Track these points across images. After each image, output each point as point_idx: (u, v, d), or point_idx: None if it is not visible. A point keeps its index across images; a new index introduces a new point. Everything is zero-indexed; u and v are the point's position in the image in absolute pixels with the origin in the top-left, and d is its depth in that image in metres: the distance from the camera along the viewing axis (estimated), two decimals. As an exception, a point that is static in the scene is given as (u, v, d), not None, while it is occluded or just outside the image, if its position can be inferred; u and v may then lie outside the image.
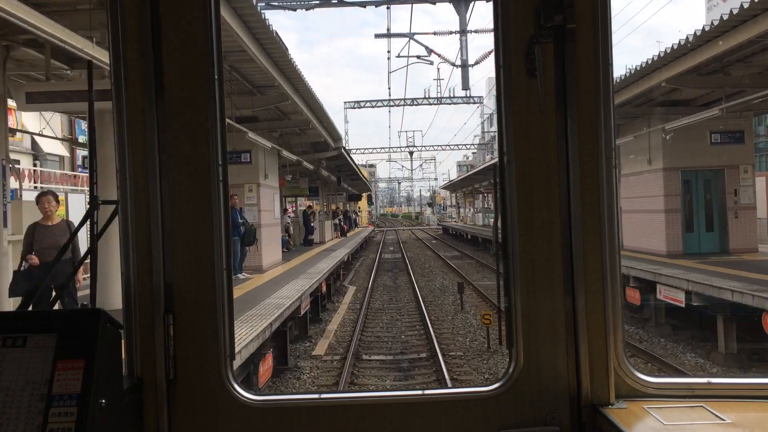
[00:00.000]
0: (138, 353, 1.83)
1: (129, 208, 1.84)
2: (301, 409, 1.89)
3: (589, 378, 1.82)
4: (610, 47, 1.84)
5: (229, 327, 1.89)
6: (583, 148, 1.83)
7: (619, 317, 1.84)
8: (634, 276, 14.00)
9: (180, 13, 1.85)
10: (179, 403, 1.84)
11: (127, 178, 1.83)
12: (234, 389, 1.85)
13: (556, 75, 1.83)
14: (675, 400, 1.82)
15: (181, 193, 1.85)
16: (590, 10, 1.81)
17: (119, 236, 1.85)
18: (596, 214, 1.84)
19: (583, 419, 1.82)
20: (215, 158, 1.86)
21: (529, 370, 1.84)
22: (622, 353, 1.86)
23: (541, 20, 1.78)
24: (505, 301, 1.90)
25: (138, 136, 1.83)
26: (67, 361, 1.49)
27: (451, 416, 1.84)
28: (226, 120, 1.94)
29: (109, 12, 1.83)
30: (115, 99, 1.83)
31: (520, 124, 1.85)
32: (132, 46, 1.83)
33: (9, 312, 1.69)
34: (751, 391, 1.85)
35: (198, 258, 1.86)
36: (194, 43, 1.85)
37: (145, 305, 1.83)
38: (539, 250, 1.86)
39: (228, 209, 1.93)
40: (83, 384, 1.46)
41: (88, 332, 1.52)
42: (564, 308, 1.85)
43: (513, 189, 1.86)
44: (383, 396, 2.00)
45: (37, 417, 1.43)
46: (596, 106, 1.83)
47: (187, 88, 1.85)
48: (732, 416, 1.70)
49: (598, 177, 1.83)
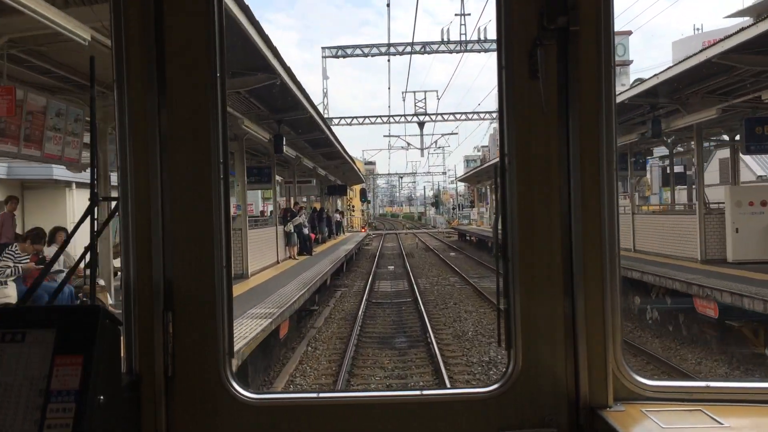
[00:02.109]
0: (137, 350, 1.83)
1: (129, 205, 1.84)
2: (300, 408, 1.88)
3: (588, 380, 1.82)
4: (613, 49, 1.84)
5: (228, 325, 1.88)
6: (585, 150, 1.83)
7: (618, 319, 1.84)
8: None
9: (183, 10, 1.85)
10: (177, 400, 1.84)
11: (128, 175, 1.83)
12: (232, 387, 1.85)
13: (558, 76, 1.83)
14: (673, 404, 1.82)
15: (181, 191, 1.85)
16: (594, 13, 1.81)
17: (120, 233, 1.86)
18: (597, 216, 1.84)
19: (581, 421, 1.82)
20: (216, 156, 1.86)
21: (528, 371, 1.84)
22: (620, 356, 1.85)
23: (544, 22, 1.78)
24: (504, 302, 1.90)
25: (139, 133, 1.83)
26: (66, 357, 1.49)
27: (450, 417, 1.84)
28: (227, 118, 1.94)
29: (112, 7, 1.83)
30: (116, 96, 1.83)
31: (522, 124, 1.85)
32: (134, 44, 1.83)
33: (8, 307, 1.69)
34: (749, 395, 1.85)
35: (198, 256, 1.86)
36: (196, 42, 1.85)
37: (145, 302, 1.83)
38: (539, 252, 1.86)
39: (228, 208, 1.93)
40: (82, 380, 1.46)
41: (87, 328, 1.52)
42: (563, 310, 1.85)
43: (514, 190, 1.86)
44: (382, 396, 2.00)
45: (36, 412, 1.42)
46: (598, 108, 1.83)
47: (189, 85, 1.85)
48: (730, 420, 1.69)
49: (599, 179, 1.83)
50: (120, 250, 1.88)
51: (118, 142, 1.84)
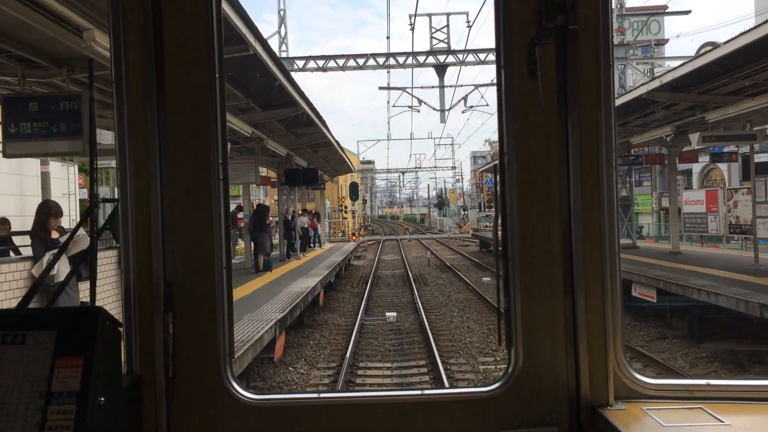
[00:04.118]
0: (137, 351, 1.83)
1: (129, 206, 1.84)
2: (300, 409, 1.88)
3: (588, 379, 1.82)
4: (612, 48, 1.84)
5: (228, 326, 1.89)
6: (584, 149, 1.83)
7: (619, 318, 1.85)
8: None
9: (182, 10, 1.85)
10: (178, 401, 1.84)
11: (127, 175, 1.83)
12: (233, 388, 1.85)
13: (557, 75, 1.83)
14: (674, 402, 1.82)
15: (181, 191, 1.86)
16: (592, 12, 1.81)
17: (120, 234, 1.86)
18: (597, 215, 1.84)
19: (582, 420, 1.82)
20: (216, 156, 1.86)
21: (529, 370, 1.84)
22: (621, 354, 1.86)
23: (542, 21, 1.78)
24: (504, 301, 1.90)
25: (138, 134, 1.83)
26: (66, 358, 1.49)
27: (451, 416, 1.84)
28: (226, 118, 1.94)
29: (111, 7, 1.83)
30: (115, 96, 1.83)
31: (521, 124, 1.85)
32: (133, 44, 1.83)
33: (8, 309, 1.69)
34: (750, 393, 1.85)
35: (198, 256, 1.86)
36: (195, 41, 1.85)
37: (145, 303, 1.83)
38: (539, 251, 1.86)
39: (228, 208, 1.93)
40: (82, 382, 1.46)
41: (87, 330, 1.52)
42: (564, 309, 1.85)
43: (513, 189, 1.86)
44: (383, 396, 2.00)
45: (36, 414, 1.42)
46: (597, 107, 1.83)
47: (188, 85, 1.85)
48: (731, 418, 1.70)
49: (599, 178, 1.83)
50: (120, 251, 1.88)
51: (117, 143, 1.84)
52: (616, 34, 26.14)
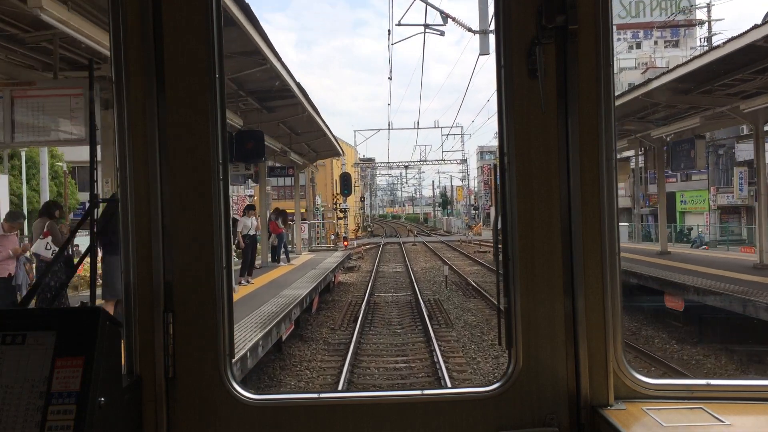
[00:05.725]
0: (137, 351, 1.83)
1: (129, 206, 1.84)
2: (300, 409, 1.88)
3: (589, 379, 1.82)
4: (612, 48, 1.84)
5: (228, 326, 1.88)
6: (584, 149, 1.83)
7: (619, 318, 1.85)
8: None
9: (182, 10, 1.85)
10: (178, 401, 1.84)
11: (128, 175, 1.83)
12: (233, 388, 1.85)
13: (557, 75, 1.83)
14: (674, 402, 1.82)
15: (181, 192, 1.86)
16: (592, 12, 1.81)
17: (120, 234, 1.86)
18: (597, 214, 1.84)
19: (582, 420, 1.82)
20: (216, 156, 1.86)
21: (529, 370, 1.84)
22: (621, 354, 1.86)
23: (542, 21, 1.78)
24: (504, 301, 1.90)
25: (139, 134, 1.83)
26: (67, 358, 1.49)
27: (450, 416, 1.84)
28: (226, 118, 1.94)
29: (111, 6, 1.83)
30: (115, 96, 1.83)
31: (521, 124, 1.85)
32: (133, 44, 1.83)
33: (9, 309, 1.69)
34: (750, 393, 1.85)
35: (198, 256, 1.86)
36: (196, 42, 1.85)
37: (145, 303, 1.83)
38: (539, 251, 1.86)
39: (228, 208, 1.93)
40: (82, 382, 1.46)
41: (87, 330, 1.52)
42: (564, 309, 1.85)
43: (513, 189, 1.86)
44: (382, 396, 2.00)
45: (36, 414, 1.42)
46: (597, 107, 1.83)
47: (188, 85, 1.86)
48: (731, 418, 1.70)
49: (599, 178, 1.83)
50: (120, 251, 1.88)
51: (117, 143, 1.84)
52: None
